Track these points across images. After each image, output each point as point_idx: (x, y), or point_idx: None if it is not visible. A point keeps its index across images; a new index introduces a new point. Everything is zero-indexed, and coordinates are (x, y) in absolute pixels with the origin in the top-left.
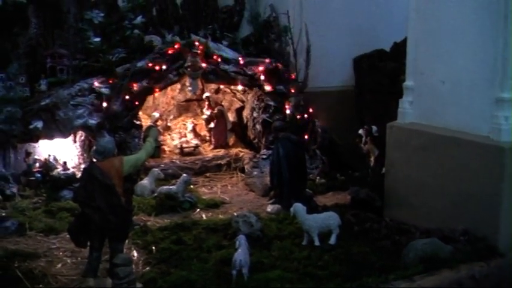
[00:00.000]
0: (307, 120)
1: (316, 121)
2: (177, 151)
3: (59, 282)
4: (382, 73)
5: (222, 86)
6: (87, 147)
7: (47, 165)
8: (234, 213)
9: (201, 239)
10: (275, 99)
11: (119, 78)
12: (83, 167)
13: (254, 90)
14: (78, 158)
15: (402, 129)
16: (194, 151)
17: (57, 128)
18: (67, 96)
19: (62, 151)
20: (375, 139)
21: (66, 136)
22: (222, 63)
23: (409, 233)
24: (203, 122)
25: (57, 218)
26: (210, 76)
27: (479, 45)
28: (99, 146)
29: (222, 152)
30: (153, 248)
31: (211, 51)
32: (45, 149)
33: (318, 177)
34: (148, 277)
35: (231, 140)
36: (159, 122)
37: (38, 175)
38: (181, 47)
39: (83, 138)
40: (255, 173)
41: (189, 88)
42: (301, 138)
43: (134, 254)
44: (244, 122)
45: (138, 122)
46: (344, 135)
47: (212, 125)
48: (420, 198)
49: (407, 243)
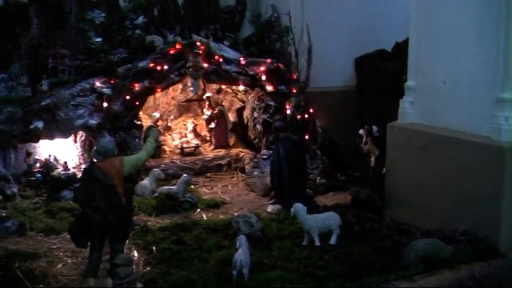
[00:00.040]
0: (308, 120)
1: (316, 121)
2: (177, 151)
3: (59, 282)
4: (383, 73)
5: (223, 86)
6: (88, 148)
7: (48, 166)
8: (235, 214)
9: (201, 239)
10: (276, 100)
11: (121, 79)
12: (83, 167)
13: (255, 91)
14: (79, 158)
15: (402, 129)
16: (195, 151)
17: (58, 128)
18: (68, 96)
19: (63, 151)
20: (376, 139)
21: (66, 136)
22: (223, 64)
23: (410, 233)
24: (204, 122)
25: (58, 218)
26: (211, 76)
27: (480, 46)
28: (100, 146)
29: (222, 152)
30: (153, 248)
31: (212, 52)
32: (46, 149)
33: (318, 178)
34: (148, 277)
35: (232, 140)
36: (160, 122)
37: (39, 175)
38: (183, 47)
39: (83, 138)
40: (256, 173)
41: (191, 88)
42: (302, 139)
43: (135, 254)
44: (245, 122)
45: (138, 122)
46: (345, 136)
47: (213, 125)
48: (421, 198)
49: (407, 244)
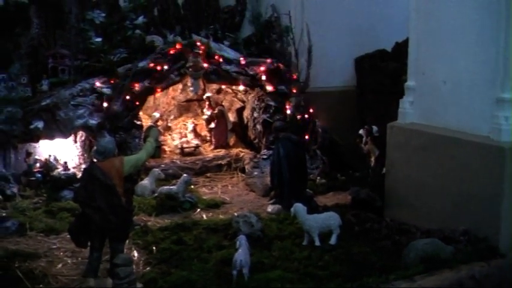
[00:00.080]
0: (308, 120)
1: (316, 121)
2: (177, 151)
3: (59, 282)
4: (383, 73)
5: (223, 86)
6: (88, 148)
7: (48, 166)
8: (235, 214)
9: (201, 239)
10: (276, 100)
11: (121, 79)
12: (83, 167)
13: (255, 91)
14: (79, 158)
15: (402, 129)
16: (195, 151)
17: (58, 128)
18: (68, 96)
19: (63, 151)
20: (376, 139)
21: (66, 136)
22: (223, 64)
23: (410, 233)
24: (204, 122)
25: (58, 218)
26: (211, 76)
27: (480, 46)
28: (100, 146)
29: (222, 152)
30: (153, 248)
31: (212, 52)
32: (46, 149)
33: (318, 178)
34: (148, 277)
35: (232, 140)
36: (160, 122)
37: (39, 175)
38: (183, 47)
39: (83, 138)
40: (256, 173)
41: (191, 88)
42: (302, 139)
43: (135, 254)
44: (245, 122)
45: (138, 122)
46: (345, 136)
47: (213, 125)
48: (421, 198)
49: (407, 244)
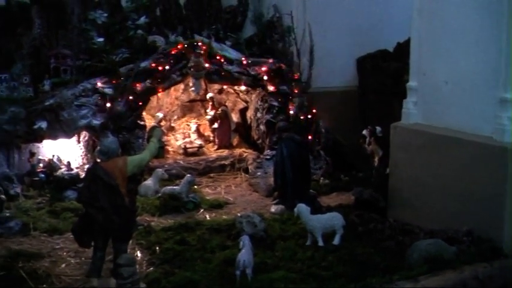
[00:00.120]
0: (311, 120)
1: (320, 121)
2: (180, 151)
3: (62, 282)
4: (385, 73)
5: (225, 86)
6: (91, 148)
7: (51, 166)
8: (238, 214)
9: (204, 239)
10: (278, 100)
11: (123, 79)
12: (86, 167)
13: (258, 91)
14: (82, 158)
15: (406, 129)
16: (198, 151)
17: (61, 128)
18: (71, 96)
19: (66, 151)
20: (379, 140)
21: (70, 136)
22: (225, 64)
23: (413, 233)
24: (207, 122)
25: (61, 218)
26: (213, 76)
27: (482, 46)
28: (103, 147)
29: (225, 153)
30: (156, 249)
31: (214, 52)
32: (49, 149)
33: (321, 178)
34: (152, 277)
35: (235, 141)
36: (163, 123)
37: (42, 175)
38: (185, 47)
39: (86, 138)
40: (259, 173)
41: (192, 88)
42: (305, 139)
43: (138, 254)
44: (248, 122)
45: (141, 123)
46: (347, 136)
47: (216, 125)
48: (424, 198)
49: (411, 244)
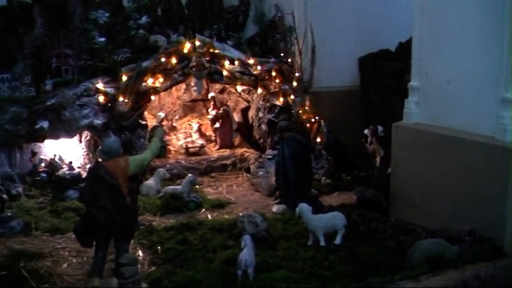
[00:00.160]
0: (313, 120)
1: (321, 121)
2: (182, 151)
3: (64, 282)
4: (387, 73)
5: (227, 85)
6: (93, 147)
7: (53, 165)
8: (240, 214)
9: (206, 239)
10: (280, 99)
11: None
12: (88, 167)
13: (259, 90)
14: (84, 158)
15: (408, 129)
16: (199, 151)
17: (63, 128)
18: (72, 96)
19: (68, 151)
20: (381, 139)
21: (71, 136)
22: (227, 63)
23: (415, 233)
24: (208, 122)
25: (63, 218)
26: (214, 76)
27: (484, 45)
28: (105, 146)
29: (227, 152)
30: (158, 248)
31: (216, 51)
32: (51, 149)
33: (323, 178)
34: (153, 277)
35: (237, 140)
36: (165, 122)
37: (44, 175)
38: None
39: (88, 138)
40: (261, 173)
41: (194, 88)
42: (307, 139)
43: (140, 253)
44: (250, 122)
45: (143, 122)
46: (349, 136)
47: (217, 125)
48: (426, 198)
49: (413, 244)
